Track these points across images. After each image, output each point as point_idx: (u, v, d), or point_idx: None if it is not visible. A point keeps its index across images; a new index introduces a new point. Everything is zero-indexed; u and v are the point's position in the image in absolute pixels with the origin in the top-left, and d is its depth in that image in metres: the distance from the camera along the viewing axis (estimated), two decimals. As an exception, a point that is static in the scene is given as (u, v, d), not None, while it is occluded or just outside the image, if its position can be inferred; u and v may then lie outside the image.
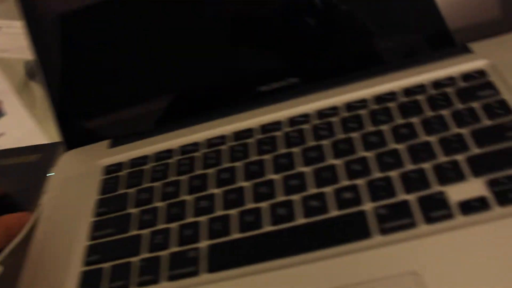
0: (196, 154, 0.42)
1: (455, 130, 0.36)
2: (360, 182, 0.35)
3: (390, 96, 0.40)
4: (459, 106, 0.37)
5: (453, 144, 0.35)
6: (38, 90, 0.60)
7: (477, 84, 0.38)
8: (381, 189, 0.34)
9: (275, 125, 0.41)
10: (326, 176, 0.36)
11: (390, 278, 0.30)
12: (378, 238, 0.32)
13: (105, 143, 0.47)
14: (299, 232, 0.34)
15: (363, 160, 0.36)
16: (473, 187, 0.33)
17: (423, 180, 0.34)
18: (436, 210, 0.32)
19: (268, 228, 0.34)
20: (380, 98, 0.40)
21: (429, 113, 0.38)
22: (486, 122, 0.36)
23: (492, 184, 0.32)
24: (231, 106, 0.44)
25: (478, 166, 0.33)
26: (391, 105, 0.39)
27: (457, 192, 0.33)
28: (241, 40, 0.44)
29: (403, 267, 0.30)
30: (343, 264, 0.31)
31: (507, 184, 0.32)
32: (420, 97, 0.39)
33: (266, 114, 0.42)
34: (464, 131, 0.36)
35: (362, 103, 0.40)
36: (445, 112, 0.37)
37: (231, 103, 0.45)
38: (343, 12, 0.42)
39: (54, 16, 0.44)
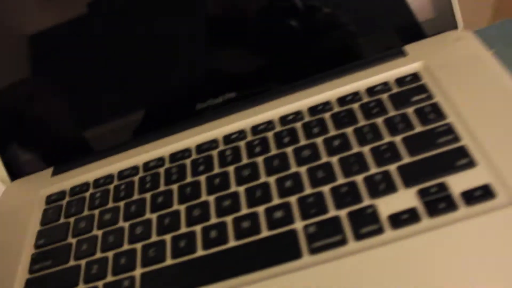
0: (133, 178, 0.41)
1: (388, 138, 0.35)
2: (291, 199, 0.34)
3: (324, 106, 0.39)
4: (392, 112, 0.37)
5: (385, 154, 0.34)
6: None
7: (410, 88, 0.38)
8: (312, 205, 0.33)
9: (211, 144, 0.40)
10: (258, 195, 0.35)
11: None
12: (308, 258, 0.31)
13: (49, 171, 0.46)
14: (231, 255, 0.33)
15: (295, 175, 0.35)
16: (404, 198, 0.32)
17: (354, 194, 0.33)
18: (366, 225, 0.31)
19: (201, 252, 0.34)
20: (314, 109, 0.39)
21: (362, 122, 0.37)
22: (418, 128, 0.35)
23: (422, 194, 0.31)
24: (170, 126, 0.43)
25: (409, 176, 0.33)
26: (325, 115, 0.38)
27: (388, 205, 0.32)
28: (175, 60, 0.43)
29: (331, 288, 0.29)
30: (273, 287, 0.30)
31: (437, 193, 0.31)
32: (354, 105, 0.38)
33: (203, 133, 0.41)
34: (396, 139, 0.35)
35: (296, 115, 0.39)
36: (378, 120, 0.37)
37: (170, 123, 0.44)
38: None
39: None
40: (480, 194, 0.30)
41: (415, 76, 0.39)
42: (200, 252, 0.34)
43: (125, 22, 0.42)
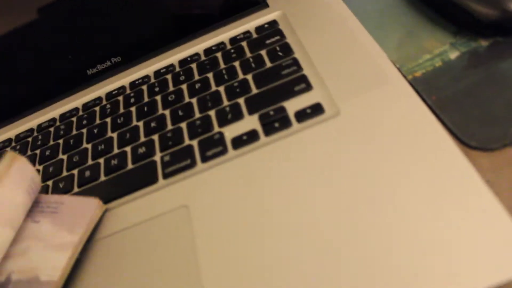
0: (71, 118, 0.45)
1: (241, 76, 0.39)
2: (154, 137, 0.38)
3: (191, 58, 0.43)
4: (248, 55, 0.41)
5: (236, 89, 0.38)
6: None
7: (267, 33, 0.42)
8: (170, 139, 0.37)
9: (95, 100, 0.44)
10: (127, 137, 0.39)
11: (165, 214, 0.33)
12: (162, 182, 0.35)
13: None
14: (104, 186, 0.37)
15: (160, 117, 0.39)
16: (247, 124, 0.36)
17: (206, 125, 0.37)
18: (212, 148, 0.35)
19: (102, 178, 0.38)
20: (184, 61, 0.43)
21: (222, 66, 0.41)
22: (268, 65, 0.39)
23: (262, 118, 0.35)
24: (67, 91, 0.47)
25: (253, 105, 0.37)
26: (192, 65, 0.42)
27: (233, 130, 0.36)
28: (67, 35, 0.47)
29: (176, 203, 0.33)
30: (133, 207, 0.34)
31: (274, 116, 0.35)
32: (217, 54, 0.42)
33: (90, 93, 0.45)
34: (248, 76, 0.39)
35: (168, 68, 0.43)
36: (235, 63, 0.40)
37: (67, 89, 0.47)
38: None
39: None
40: (311, 112, 0.34)
41: (272, 23, 0.43)
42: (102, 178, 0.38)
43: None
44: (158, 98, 0.41)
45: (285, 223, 0.29)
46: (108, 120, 0.42)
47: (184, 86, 0.41)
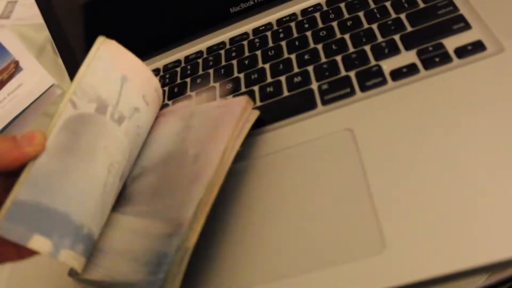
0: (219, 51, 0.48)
1: (394, 15, 0.40)
2: (309, 68, 0.40)
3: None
4: (399, -4, 0.42)
5: (391, 27, 0.39)
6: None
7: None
8: (326, 70, 0.39)
9: (242, 36, 0.47)
10: (282, 68, 0.41)
11: (329, 135, 0.35)
12: (321, 108, 0.37)
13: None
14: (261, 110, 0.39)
15: (313, 50, 0.41)
16: (404, 58, 0.37)
17: (362, 59, 0.38)
18: (371, 79, 0.37)
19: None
20: (331, 1, 0.45)
21: (372, 6, 0.42)
22: (421, 5, 0.40)
23: (420, 53, 0.37)
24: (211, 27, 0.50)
25: (410, 41, 0.38)
26: (341, 5, 0.44)
27: (390, 64, 0.37)
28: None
29: (340, 126, 0.35)
30: (293, 129, 0.36)
31: (433, 52, 0.36)
32: (366, -6, 0.43)
33: (235, 29, 0.48)
34: (401, 15, 0.40)
35: (317, 6, 0.45)
36: (387, 3, 0.42)
37: (211, 24, 0.50)
38: None
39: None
40: (472, 48, 0.35)
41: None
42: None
43: None
44: (309, 34, 0.43)
45: (443, 150, 0.30)
46: (258, 52, 0.44)
47: (334, 24, 0.43)
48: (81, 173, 0.30)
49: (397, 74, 0.36)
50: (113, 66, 0.35)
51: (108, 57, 0.34)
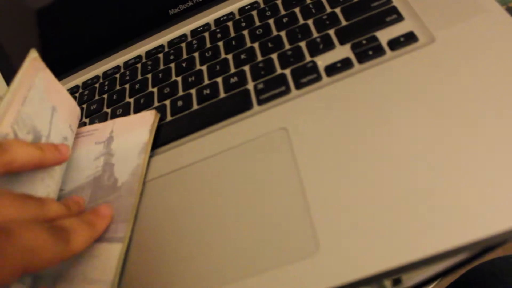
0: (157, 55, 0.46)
1: (329, 10, 0.40)
2: (245, 68, 0.39)
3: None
4: (334, -10, 0.41)
5: (326, 22, 0.39)
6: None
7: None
8: (262, 69, 0.38)
9: (180, 38, 0.45)
10: (218, 69, 0.40)
11: (263, 136, 0.34)
12: (256, 108, 0.36)
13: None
14: (197, 114, 0.38)
15: (249, 49, 0.40)
16: (339, 53, 0.36)
17: (297, 56, 0.38)
18: (306, 76, 0.36)
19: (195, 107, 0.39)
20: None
21: (308, 1, 0.41)
22: (355, -1, 0.39)
23: (354, 47, 0.36)
24: (150, 30, 0.49)
25: (344, 35, 0.37)
26: (277, 2, 0.43)
27: (325, 59, 0.36)
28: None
29: (274, 126, 0.34)
30: (229, 132, 0.35)
31: (367, 45, 0.36)
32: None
33: (174, 31, 0.46)
34: (336, 10, 0.39)
35: (254, 4, 0.44)
36: (322, -2, 0.41)
37: (150, 28, 0.49)
38: None
39: None
40: (404, 40, 0.35)
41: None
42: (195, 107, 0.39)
43: None
44: (245, 32, 0.42)
45: (379, 143, 0.29)
46: (196, 54, 0.43)
47: (271, 21, 0.42)
48: None
49: (331, 70, 0.35)
50: (45, 96, 0.35)
51: (43, 87, 0.35)
